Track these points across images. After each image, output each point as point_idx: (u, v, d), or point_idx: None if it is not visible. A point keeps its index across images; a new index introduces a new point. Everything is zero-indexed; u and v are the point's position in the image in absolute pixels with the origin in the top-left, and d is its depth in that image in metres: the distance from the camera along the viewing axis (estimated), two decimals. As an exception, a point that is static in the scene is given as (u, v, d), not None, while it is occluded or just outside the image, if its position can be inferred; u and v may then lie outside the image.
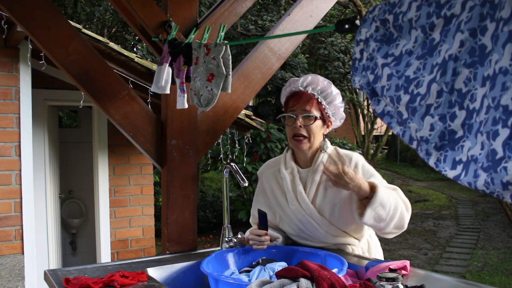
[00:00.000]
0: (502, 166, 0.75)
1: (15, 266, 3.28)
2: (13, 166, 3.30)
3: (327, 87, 1.73)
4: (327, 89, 1.73)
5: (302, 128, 1.71)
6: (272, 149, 7.76)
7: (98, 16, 10.17)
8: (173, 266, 1.71)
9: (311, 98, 1.72)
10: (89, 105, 4.34)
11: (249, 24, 9.94)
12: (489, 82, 0.80)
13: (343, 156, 1.75)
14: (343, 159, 1.73)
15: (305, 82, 1.74)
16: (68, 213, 5.35)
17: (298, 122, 1.71)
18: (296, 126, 1.71)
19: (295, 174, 1.77)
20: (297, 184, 1.75)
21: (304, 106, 1.71)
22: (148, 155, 1.97)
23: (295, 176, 1.77)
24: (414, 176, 17.68)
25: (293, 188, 1.75)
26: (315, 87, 1.72)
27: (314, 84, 1.73)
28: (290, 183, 1.76)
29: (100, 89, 1.80)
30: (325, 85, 1.73)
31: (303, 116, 1.71)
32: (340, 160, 1.73)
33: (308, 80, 1.74)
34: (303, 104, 1.71)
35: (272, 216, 1.83)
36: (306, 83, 1.74)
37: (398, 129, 1.02)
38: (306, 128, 1.71)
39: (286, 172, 1.78)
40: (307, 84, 1.73)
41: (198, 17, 2.01)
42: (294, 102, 1.74)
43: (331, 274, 1.15)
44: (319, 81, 1.74)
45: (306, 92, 1.73)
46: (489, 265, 6.78)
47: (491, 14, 0.81)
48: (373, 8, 1.08)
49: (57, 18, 1.71)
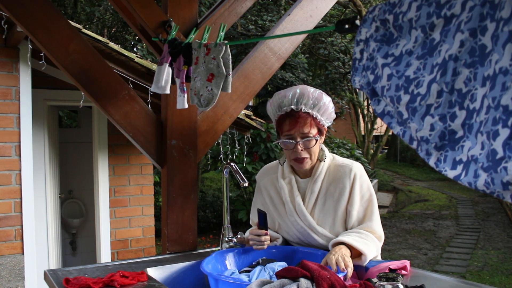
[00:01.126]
0: (502, 166, 0.75)
1: (15, 266, 3.28)
2: (13, 166, 3.30)
3: (319, 98, 1.62)
4: (320, 101, 1.61)
5: (303, 151, 1.63)
6: (272, 149, 7.76)
7: (98, 16, 10.18)
8: (173, 266, 1.71)
9: (307, 118, 1.61)
10: (89, 105, 4.34)
11: (249, 24, 9.94)
12: (489, 82, 0.80)
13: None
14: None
15: (296, 99, 1.60)
16: (68, 213, 5.35)
17: (299, 147, 1.61)
18: (297, 150, 1.62)
19: (293, 184, 1.72)
20: (295, 195, 1.70)
21: (302, 129, 1.60)
22: (148, 155, 1.97)
23: (293, 186, 1.72)
24: (414, 176, 17.69)
25: (291, 199, 1.70)
26: (307, 102, 1.60)
27: (306, 98, 1.60)
28: (288, 194, 1.71)
29: (100, 89, 1.80)
30: (316, 97, 1.61)
31: (304, 141, 1.61)
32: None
33: (298, 95, 1.61)
34: (301, 127, 1.60)
35: (271, 223, 1.81)
36: (297, 100, 1.60)
37: (398, 129, 1.02)
38: (307, 150, 1.64)
39: (284, 182, 1.73)
40: (298, 101, 1.60)
41: (198, 17, 2.01)
42: (291, 126, 1.61)
43: (331, 274, 1.15)
44: (309, 94, 1.61)
45: (300, 113, 1.60)
46: (489, 265, 6.78)
47: (491, 14, 0.81)
48: (373, 8, 1.08)
49: (57, 18, 1.71)
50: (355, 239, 1.55)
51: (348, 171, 1.67)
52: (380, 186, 15.25)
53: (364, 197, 1.67)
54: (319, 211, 1.68)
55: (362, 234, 1.60)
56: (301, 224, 1.68)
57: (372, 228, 1.64)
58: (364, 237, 1.59)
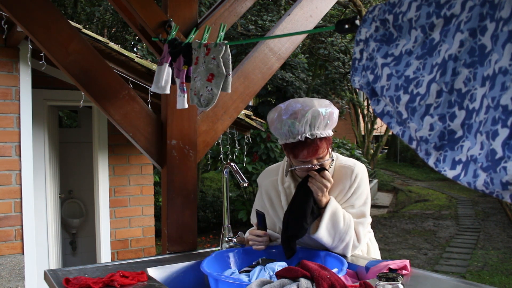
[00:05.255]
0: (501, 166, 0.75)
1: (15, 266, 3.28)
2: (13, 166, 3.30)
3: (330, 116, 1.56)
4: (331, 119, 1.57)
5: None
6: (272, 149, 7.76)
7: (98, 16, 10.18)
8: (173, 266, 1.71)
9: (323, 143, 1.57)
10: (89, 105, 4.34)
11: (249, 24, 9.94)
12: (489, 82, 0.80)
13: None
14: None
15: (309, 126, 1.53)
16: (68, 213, 5.35)
17: (314, 167, 1.61)
18: (312, 169, 1.61)
19: (292, 189, 1.72)
20: None
21: (318, 155, 1.58)
22: (148, 155, 1.97)
23: (293, 191, 1.71)
24: (414, 176, 17.70)
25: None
26: (320, 125, 1.54)
27: (319, 122, 1.53)
28: (287, 199, 1.72)
29: (100, 89, 1.80)
30: (328, 116, 1.55)
31: (320, 163, 1.61)
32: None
33: (310, 121, 1.52)
34: (317, 154, 1.58)
35: (272, 226, 1.81)
36: (310, 126, 1.53)
37: (397, 129, 1.02)
38: (320, 165, 1.63)
39: (284, 186, 1.74)
40: (311, 127, 1.53)
41: (198, 17, 2.01)
42: (308, 155, 1.57)
43: (331, 274, 1.16)
44: (321, 117, 1.54)
45: (316, 140, 1.55)
46: (489, 265, 6.78)
47: (491, 14, 0.81)
48: (373, 8, 1.08)
49: (57, 18, 1.71)
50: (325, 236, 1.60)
51: (350, 172, 1.67)
52: (380, 186, 15.25)
53: (360, 198, 1.67)
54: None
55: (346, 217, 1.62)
56: None
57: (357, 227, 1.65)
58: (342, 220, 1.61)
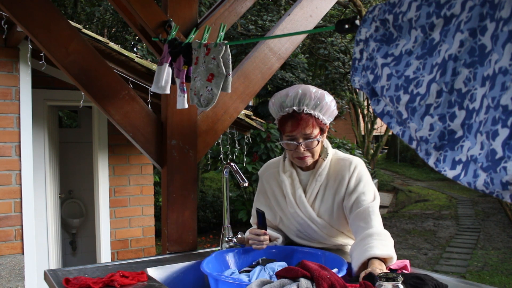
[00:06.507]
0: (501, 166, 0.75)
1: (15, 266, 3.28)
2: (13, 166, 3.30)
3: (321, 98, 1.62)
4: (322, 101, 1.62)
5: (305, 151, 1.64)
6: (272, 149, 7.76)
7: (98, 16, 10.18)
8: (173, 266, 1.71)
9: (309, 119, 1.61)
10: (89, 105, 4.34)
11: (249, 24, 9.94)
12: (489, 82, 0.80)
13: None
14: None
15: (298, 100, 1.61)
16: (68, 213, 5.35)
17: (301, 147, 1.63)
18: (299, 151, 1.63)
19: (294, 177, 1.74)
20: (296, 187, 1.72)
21: (304, 130, 1.61)
22: (148, 155, 1.97)
23: (294, 179, 1.74)
24: (414, 176, 17.69)
25: (292, 191, 1.73)
26: (309, 102, 1.60)
27: (308, 99, 1.60)
28: (290, 186, 1.73)
29: (100, 89, 1.80)
30: (318, 97, 1.61)
31: (306, 142, 1.63)
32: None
33: (300, 95, 1.60)
34: (303, 128, 1.61)
35: (272, 217, 1.83)
36: (299, 101, 1.61)
37: (397, 129, 1.02)
38: (309, 150, 1.65)
39: (285, 175, 1.75)
40: (300, 102, 1.61)
41: (198, 17, 2.01)
42: (293, 128, 1.62)
43: (331, 274, 1.16)
44: (311, 94, 1.61)
45: (303, 114, 1.60)
46: (489, 265, 6.78)
47: (491, 14, 0.81)
48: (373, 8, 1.08)
49: (57, 18, 1.71)
50: (380, 248, 1.48)
51: (348, 164, 1.70)
52: (380, 186, 15.25)
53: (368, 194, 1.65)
54: (319, 203, 1.71)
55: (377, 238, 1.53)
56: (301, 216, 1.71)
57: (374, 226, 1.59)
58: (380, 239, 1.52)
